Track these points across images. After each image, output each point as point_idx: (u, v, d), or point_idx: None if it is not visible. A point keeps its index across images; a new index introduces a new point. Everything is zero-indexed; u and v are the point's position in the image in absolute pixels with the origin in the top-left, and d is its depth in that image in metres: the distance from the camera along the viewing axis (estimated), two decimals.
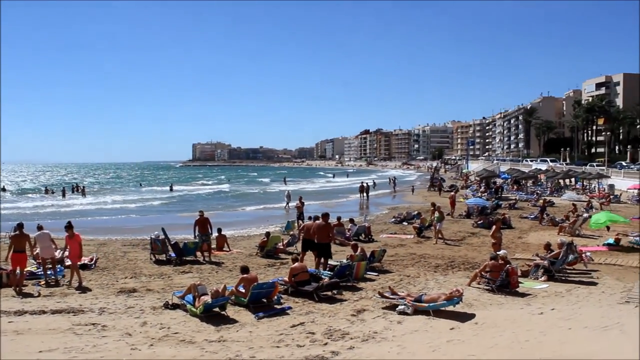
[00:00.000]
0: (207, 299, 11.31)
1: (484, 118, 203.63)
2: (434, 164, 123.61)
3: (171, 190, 74.25)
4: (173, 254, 18.35)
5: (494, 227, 19.61)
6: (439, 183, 58.51)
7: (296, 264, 14.03)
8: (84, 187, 69.04)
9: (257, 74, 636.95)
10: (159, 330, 10.27)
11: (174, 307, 11.95)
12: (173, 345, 9.46)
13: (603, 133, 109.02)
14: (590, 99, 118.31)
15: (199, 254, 18.88)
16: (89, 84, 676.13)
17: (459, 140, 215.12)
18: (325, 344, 9.58)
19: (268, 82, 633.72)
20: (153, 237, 18.94)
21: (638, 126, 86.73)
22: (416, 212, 31.10)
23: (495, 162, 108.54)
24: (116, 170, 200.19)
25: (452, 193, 38.49)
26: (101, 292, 13.73)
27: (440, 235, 22.91)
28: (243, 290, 12.27)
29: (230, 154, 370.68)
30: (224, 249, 20.79)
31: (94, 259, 17.70)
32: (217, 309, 11.39)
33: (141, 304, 12.40)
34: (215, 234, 21.07)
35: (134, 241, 23.34)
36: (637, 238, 20.39)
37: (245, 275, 12.61)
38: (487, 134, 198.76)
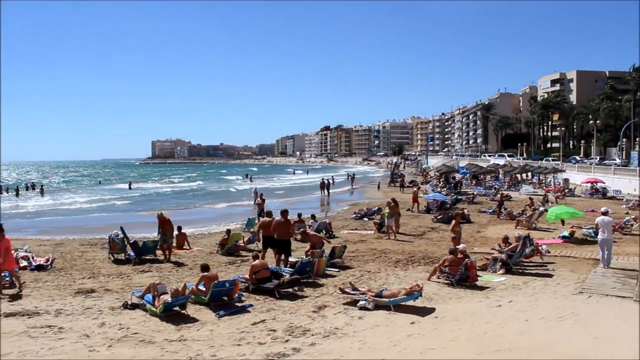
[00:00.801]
0: (167, 298, 11.20)
1: (443, 114, 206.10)
2: (394, 159, 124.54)
3: (130, 188, 73.21)
4: (132, 253, 18.09)
5: (453, 221, 19.84)
6: (401, 179, 58.98)
7: (257, 261, 13.99)
8: (42, 186, 67.47)
9: (217, 70, 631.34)
10: (117, 331, 10.13)
11: (133, 307, 11.79)
12: (132, 346, 9.34)
13: (558, 128, 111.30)
14: (546, 95, 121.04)
15: (159, 252, 18.63)
16: (44, 79, 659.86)
17: (419, 136, 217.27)
18: (287, 340, 9.59)
19: (228, 78, 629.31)
20: (112, 236, 18.63)
21: (591, 122, 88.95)
22: (376, 207, 31.32)
23: (454, 157, 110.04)
24: (77, 169, 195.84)
25: (415, 189, 38.89)
26: (58, 293, 13.44)
27: (391, 231, 22.88)
28: (203, 289, 12.19)
29: (191, 151, 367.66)
30: (184, 247, 20.57)
31: (50, 260, 17.27)
32: (177, 308, 11.29)
33: (99, 304, 12.19)
34: (175, 232, 20.95)
35: (92, 240, 22.90)
36: (590, 231, 20.92)
37: (205, 274, 12.53)
38: (446, 130, 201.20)
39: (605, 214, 16.74)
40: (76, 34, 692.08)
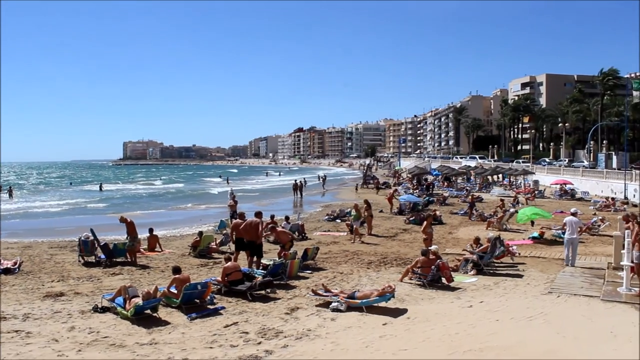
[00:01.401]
0: (138, 301, 11.08)
1: (415, 116, 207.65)
2: (367, 161, 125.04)
3: (100, 190, 72.31)
4: (102, 256, 17.86)
5: (425, 223, 19.96)
6: (377, 181, 59.22)
7: (229, 263, 13.92)
8: (10, 187, 66.18)
9: (190, 72, 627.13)
10: (87, 335, 9.99)
11: (104, 310, 11.64)
12: (102, 350, 9.23)
13: (528, 131, 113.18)
14: (516, 97, 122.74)
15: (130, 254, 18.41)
16: (7, 78, 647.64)
17: (392, 138, 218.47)
18: (259, 343, 9.58)
19: (200, 79, 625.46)
20: (82, 238, 18.36)
21: (560, 124, 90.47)
22: (349, 209, 31.33)
23: (426, 159, 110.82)
24: (47, 170, 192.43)
25: (391, 191, 39.09)
26: (25, 297, 13.19)
27: (357, 234, 22.73)
28: (175, 291, 12.09)
29: (163, 152, 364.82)
30: (156, 249, 20.39)
31: (18, 263, 16.94)
32: (148, 311, 11.17)
33: (69, 308, 12.01)
34: (146, 235, 20.76)
35: (61, 243, 22.56)
36: (559, 231, 21.26)
37: (177, 276, 12.43)
38: (418, 132, 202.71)
39: (574, 214, 17.27)
40: (47, 33, 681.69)
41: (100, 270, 16.78)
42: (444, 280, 14.06)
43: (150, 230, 20.99)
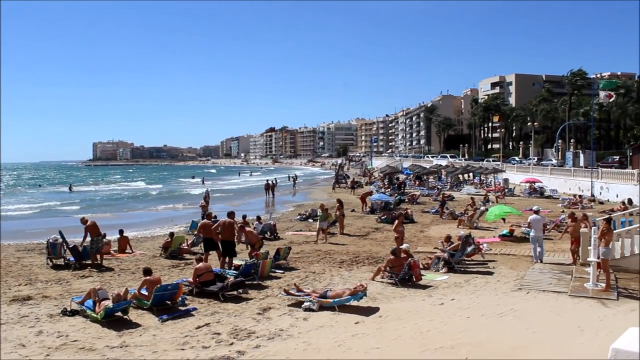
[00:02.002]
0: (109, 303, 10.95)
1: (387, 116, 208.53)
2: (339, 161, 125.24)
3: (70, 190, 71.27)
4: (72, 258, 17.58)
5: (396, 221, 20.04)
6: (352, 180, 59.35)
7: (200, 264, 13.84)
8: None
9: (160, 71, 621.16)
10: (56, 339, 9.85)
11: (73, 313, 11.48)
12: (71, 354, 9.12)
13: (498, 130, 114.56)
14: (486, 97, 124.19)
15: (99, 256, 18.12)
16: None
17: (363, 138, 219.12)
18: (231, 343, 9.55)
19: (171, 80, 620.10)
20: (50, 240, 18.05)
21: (529, 123, 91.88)
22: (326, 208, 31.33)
23: (398, 158, 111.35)
24: (14, 172, 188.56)
25: (366, 189, 39.13)
26: None
27: (324, 233, 22.53)
28: (146, 293, 11.98)
29: (134, 153, 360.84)
30: (127, 251, 20.16)
31: None
32: (119, 314, 11.06)
33: (37, 312, 11.81)
34: (117, 236, 20.52)
35: (29, 246, 22.19)
36: (528, 229, 21.55)
37: (148, 277, 12.31)
38: (390, 131, 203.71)
39: (537, 212, 17.71)
40: (9, 32, 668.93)
41: (70, 272, 16.54)
42: (414, 278, 14.18)
43: (121, 232, 20.76)
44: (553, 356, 8.92)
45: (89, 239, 17.47)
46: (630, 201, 32.92)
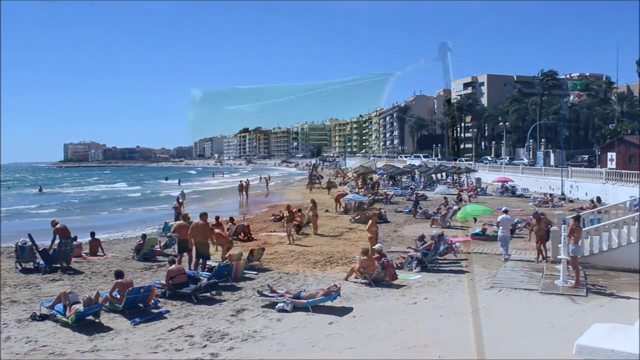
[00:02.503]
0: (79, 307, 10.81)
1: (360, 116, 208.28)
2: (313, 161, 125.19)
3: (40, 191, 70.13)
4: (42, 262, 17.27)
5: (370, 221, 20.10)
6: (328, 180, 59.41)
7: (173, 266, 13.73)
8: None
9: (130, 70, 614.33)
10: (24, 345, 9.69)
11: (43, 318, 11.30)
12: None
13: (470, 130, 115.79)
14: (459, 97, 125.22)
15: (72, 259, 17.83)
16: None
17: (337, 138, 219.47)
18: (205, 346, 9.50)
19: (142, 78, 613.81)
20: (19, 244, 17.71)
21: (500, 123, 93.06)
22: (295, 209, 31.29)
23: (371, 158, 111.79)
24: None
25: (341, 190, 39.16)
26: None
27: (290, 235, 22.39)
28: (118, 296, 11.86)
29: (106, 154, 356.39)
30: (98, 253, 19.89)
31: None
32: (90, 317, 10.92)
33: (4, 317, 11.58)
34: (88, 238, 20.26)
35: None
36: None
37: (119, 280, 12.19)
38: (364, 132, 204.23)
39: (505, 212, 18.09)
40: None
41: (39, 276, 16.23)
42: (387, 277, 14.25)
43: (92, 234, 20.50)
44: (524, 353, 9.05)
45: (57, 241, 17.16)
46: (598, 199, 33.58)
